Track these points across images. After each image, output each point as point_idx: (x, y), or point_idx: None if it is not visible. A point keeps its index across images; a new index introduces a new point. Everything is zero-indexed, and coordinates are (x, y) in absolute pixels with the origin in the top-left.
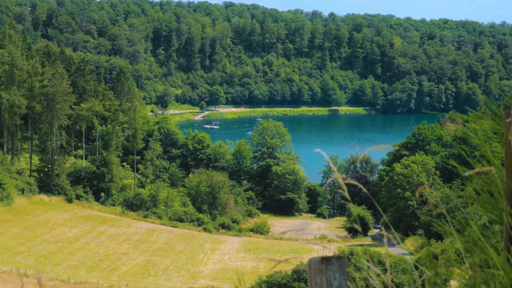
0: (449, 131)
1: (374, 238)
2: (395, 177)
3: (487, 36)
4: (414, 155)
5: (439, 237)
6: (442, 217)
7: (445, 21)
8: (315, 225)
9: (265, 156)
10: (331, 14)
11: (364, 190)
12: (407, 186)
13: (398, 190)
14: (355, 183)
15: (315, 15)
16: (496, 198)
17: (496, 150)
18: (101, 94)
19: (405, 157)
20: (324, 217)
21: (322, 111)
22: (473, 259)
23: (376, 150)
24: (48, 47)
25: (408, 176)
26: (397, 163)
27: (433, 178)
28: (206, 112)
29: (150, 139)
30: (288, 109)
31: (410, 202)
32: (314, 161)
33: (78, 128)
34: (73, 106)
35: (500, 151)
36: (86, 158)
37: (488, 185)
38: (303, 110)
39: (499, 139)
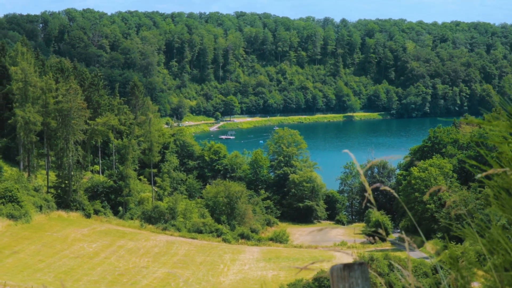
0: (465, 133)
1: (393, 243)
2: (412, 181)
3: (499, 37)
4: (431, 158)
5: (458, 240)
6: (461, 220)
7: (457, 23)
8: (334, 232)
9: (282, 164)
10: (343, 20)
11: (396, 195)
12: (425, 190)
13: (416, 194)
14: (390, 189)
15: (326, 21)
16: None
17: None
18: (116, 108)
19: (421, 160)
20: (343, 224)
21: (337, 117)
22: (496, 261)
23: (396, 154)
24: (61, 63)
25: (426, 179)
26: (414, 167)
27: (450, 181)
28: (222, 123)
29: (166, 151)
30: (303, 116)
31: (428, 206)
32: (330, 168)
33: (94, 143)
34: (88, 121)
35: None
36: (103, 173)
37: (507, 183)
38: (318, 117)
39: None
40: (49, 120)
